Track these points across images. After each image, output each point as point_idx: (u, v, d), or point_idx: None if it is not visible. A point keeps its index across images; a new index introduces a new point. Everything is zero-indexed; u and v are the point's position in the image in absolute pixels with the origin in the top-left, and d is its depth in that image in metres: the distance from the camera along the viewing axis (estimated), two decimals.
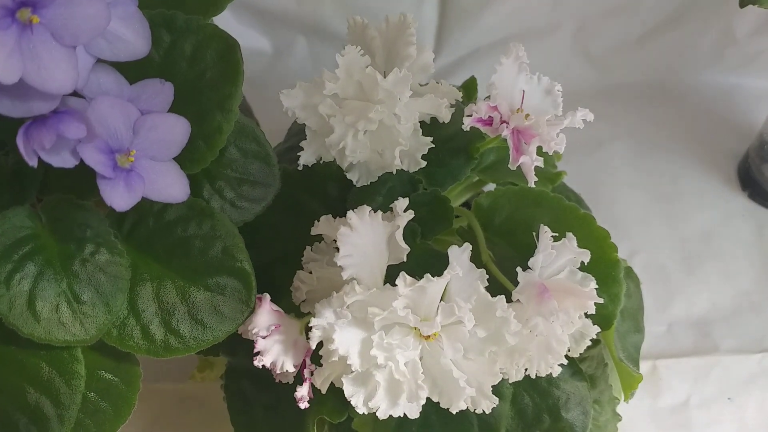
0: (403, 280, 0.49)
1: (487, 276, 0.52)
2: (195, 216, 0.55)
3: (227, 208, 0.58)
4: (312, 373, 0.53)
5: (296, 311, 0.57)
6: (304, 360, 0.53)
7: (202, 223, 0.55)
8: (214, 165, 0.56)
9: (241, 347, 0.59)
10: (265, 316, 0.53)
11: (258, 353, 0.52)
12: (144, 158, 0.50)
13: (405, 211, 0.53)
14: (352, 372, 0.50)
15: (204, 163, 0.54)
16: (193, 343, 0.54)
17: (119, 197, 0.48)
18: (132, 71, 0.51)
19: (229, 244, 0.55)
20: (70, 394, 0.54)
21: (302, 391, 0.52)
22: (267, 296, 0.54)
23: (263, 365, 0.52)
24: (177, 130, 0.51)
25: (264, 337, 0.52)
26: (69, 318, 0.51)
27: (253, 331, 0.53)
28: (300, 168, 0.60)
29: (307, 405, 0.52)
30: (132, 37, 0.48)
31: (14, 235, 0.52)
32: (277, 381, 0.56)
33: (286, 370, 0.52)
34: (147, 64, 0.52)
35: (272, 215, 0.64)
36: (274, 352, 0.52)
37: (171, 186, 0.51)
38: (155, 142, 0.50)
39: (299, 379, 0.54)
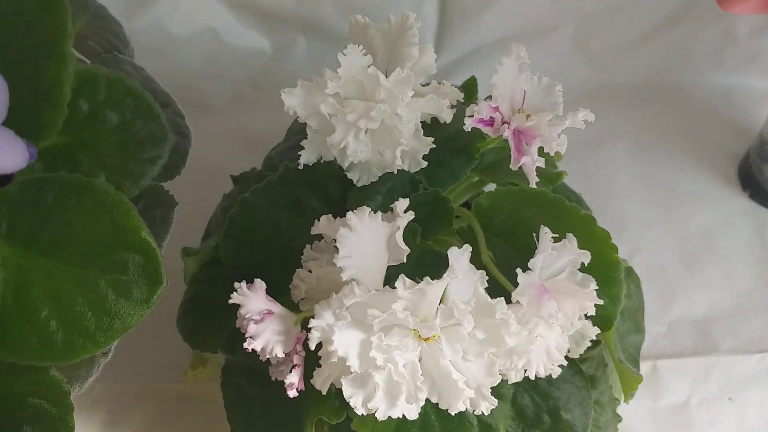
0: (402, 282, 0.49)
1: (487, 277, 0.52)
2: (73, 193, 0.48)
3: (116, 177, 0.52)
4: (303, 360, 0.52)
5: (295, 310, 0.57)
6: (295, 347, 0.53)
7: (81, 198, 0.48)
8: (88, 134, 0.51)
9: (240, 344, 0.59)
10: (259, 302, 0.53)
11: (249, 337, 0.52)
12: None
13: (405, 211, 0.53)
14: (351, 373, 0.50)
15: (55, 125, 0.49)
16: (100, 336, 0.47)
17: None
18: None
19: (117, 216, 0.48)
20: None
21: (291, 378, 0.52)
22: (262, 283, 0.54)
23: (253, 349, 0.51)
24: None
25: (256, 322, 0.52)
26: None
27: (246, 316, 0.52)
28: (301, 167, 0.60)
29: (296, 393, 0.52)
30: None
31: None
32: (273, 379, 0.55)
33: (276, 355, 0.52)
34: None
35: (273, 213, 0.64)
36: (264, 337, 0.52)
37: (2, 155, 0.46)
38: None
39: None
